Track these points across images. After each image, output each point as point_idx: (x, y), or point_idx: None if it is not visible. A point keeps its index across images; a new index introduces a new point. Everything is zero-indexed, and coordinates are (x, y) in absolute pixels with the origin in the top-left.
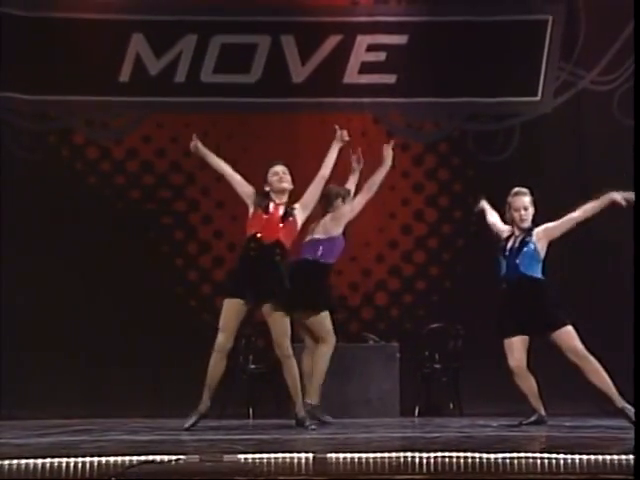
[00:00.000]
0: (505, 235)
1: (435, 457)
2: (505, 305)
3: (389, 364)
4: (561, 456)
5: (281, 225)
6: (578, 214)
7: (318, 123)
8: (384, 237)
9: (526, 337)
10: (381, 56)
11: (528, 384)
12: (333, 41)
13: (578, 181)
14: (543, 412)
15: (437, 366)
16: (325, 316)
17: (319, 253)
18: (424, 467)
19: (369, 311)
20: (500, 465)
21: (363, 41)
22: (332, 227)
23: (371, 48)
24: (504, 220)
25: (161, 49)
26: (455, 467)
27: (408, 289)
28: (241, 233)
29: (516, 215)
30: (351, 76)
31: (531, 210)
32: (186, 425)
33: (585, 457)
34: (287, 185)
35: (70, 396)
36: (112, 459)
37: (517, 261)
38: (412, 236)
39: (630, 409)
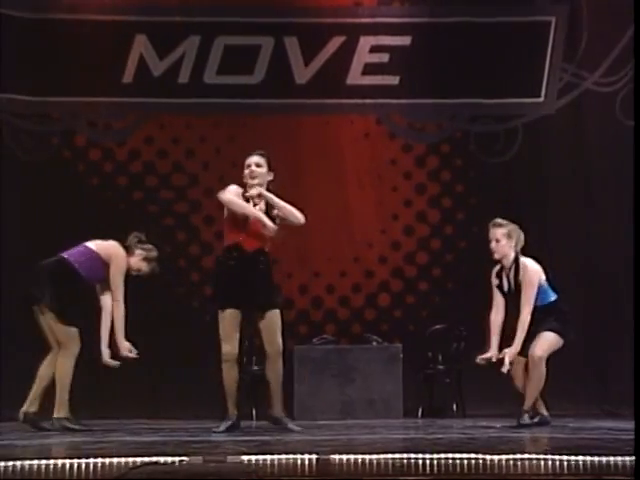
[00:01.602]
0: (494, 274)
1: (439, 458)
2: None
3: (392, 365)
4: (564, 457)
5: (263, 235)
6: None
7: (321, 124)
8: (387, 238)
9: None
10: (384, 57)
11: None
12: (336, 42)
13: (580, 182)
14: (546, 413)
15: (440, 367)
16: None
17: None
18: (427, 468)
19: (372, 312)
20: (504, 466)
21: (366, 42)
22: None
23: (374, 49)
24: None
25: (164, 50)
26: (459, 468)
27: (411, 290)
28: None
29: (491, 246)
30: (354, 77)
31: (505, 242)
32: (217, 430)
33: (589, 458)
34: (257, 181)
35: (72, 397)
36: (115, 460)
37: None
38: (415, 237)
39: (525, 420)
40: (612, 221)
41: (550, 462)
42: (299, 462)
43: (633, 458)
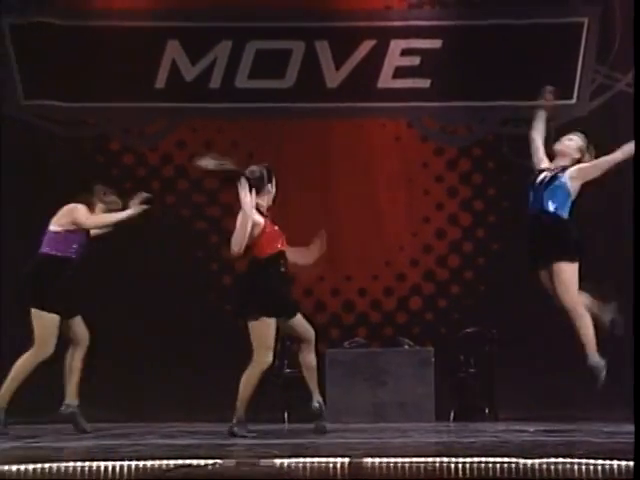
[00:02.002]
0: (540, 167)
1: (471, 462)
2: (531, 236)
3: (424, 368)
4: (599, 462)
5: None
6: (618, 155)
7: (352, 128)
8: (418, 241)
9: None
10: (415, 60)
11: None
12: (367, 46)
13: (613, 183)
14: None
15: (472, 370)
16: None
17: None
18: (460, 472)
19: (404, 315)
20: (537, 470)
21: (397, 46)
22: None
23: (405, 53)
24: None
25: (196, 55)
26: (491, 472)
27: (442, 293)
28: None
29: (558, 144)
30: (385, 81)
31: (573, 145)
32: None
33: (624, 463)
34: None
35: (108, 400)
36: (150, 463)
37: (543, 195)
38: (446, 240)
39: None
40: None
41: (584, 467)
42: (331, 465)
43: None
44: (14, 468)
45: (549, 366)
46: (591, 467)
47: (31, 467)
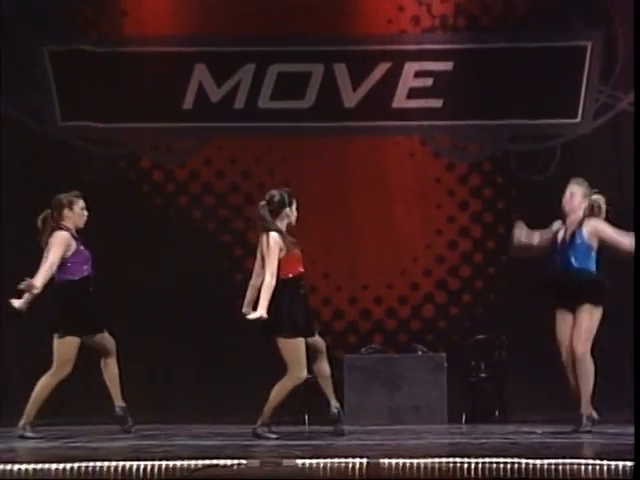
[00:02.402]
0: (555, 228)
1: (483, 463)
2: (551, 293)
3: (437, 373)
4: (605, 462)
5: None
6: (626, 243)
7: (369, 146)
8: (431, 252)
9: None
10: (428, 82)
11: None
12: (383, 68)
13: (617, 199)
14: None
15: (483, 375)
16: None
17: None
18: (472, 472)
19: (417, 323)
20: (545, 471)
21: (411, 68)
22: None
23: (418, 74)
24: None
25: (222, 78)
26: (502, 472)
27: (454, 302)
28: None
29: (563, 200)
30: (400, 101)
31: (578, 199)
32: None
33: (629, 463)
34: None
35: (139, 403)
36: (178, 463)
37: (568, 253)
38: (458, 251)
39: (588, 420)
40: None
41: (590, 467)
42: (350, 465)
43: None
44: (53, 467)
45: (556, 371)
46: (597, 467)
47: (68, 466)
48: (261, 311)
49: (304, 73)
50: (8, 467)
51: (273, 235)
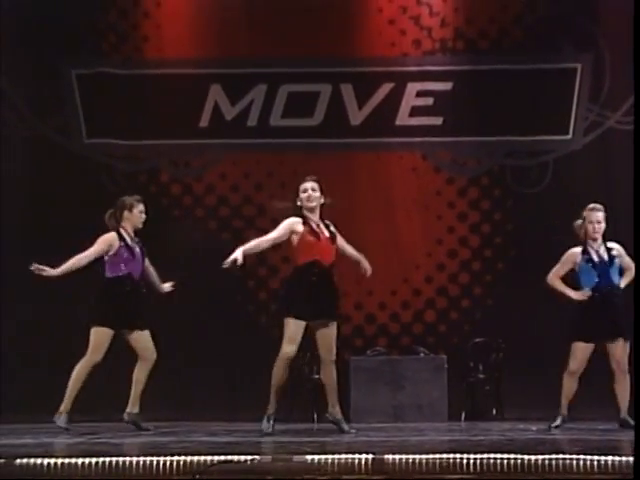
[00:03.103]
0: (578, 251)
1: (481, 458)
2: (594, 312)
3: (438, 374)
4: (595, 457)
5: (332, 248)
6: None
7: (374, 160)
8: (432, 261)
9: (593, 345)
10: (429, 101)
11: (571, 388)
12: (386, 88)
13: (607, 211)
14: (566, 413)
15: (481, 376)
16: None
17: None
18: (471, 467)
19: (419, 327)
20: (540, 466)
21: (413, 88)
22: None
23: (420, 94)
24: (577, 234)
25: (236, 97)
26: (499, 468)
27: (454, 307)
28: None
29: (590, 227)
30: (402, 119)
31: (604, 225)
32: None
33: (617, 458)
34: (315, 203)
35: (158, 401)
36: (195, 458)
37: (610, 272)
38: (457, 260)
39: (630, 421)
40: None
41: (582, 462)
42: (356, 461)
43: None
44: (80, 461)
45: (550, 371)
46: (588, 462)
47: (93, 460)
48: (236, 254)
49: (313, 93)
50: (39, 461)
51: (290, 219)
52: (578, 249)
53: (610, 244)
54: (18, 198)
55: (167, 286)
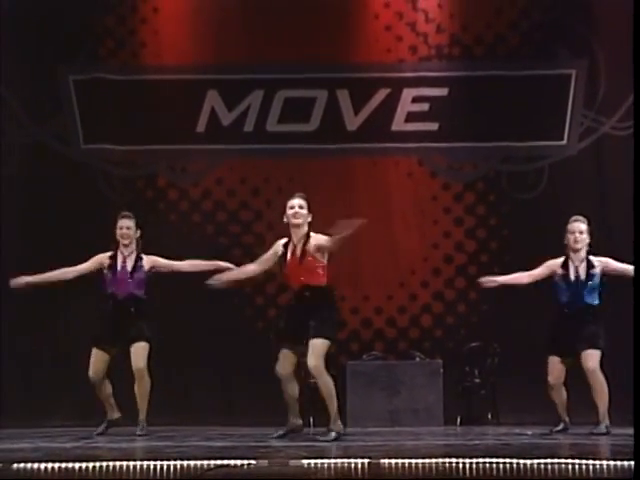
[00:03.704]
0: (559, 263)
1: (477, 463)
2: (562, 328)
3: (434, 378)
4: (590, 462)
5: (300, 268)
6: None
7: (370, 166)
8: (428, 265)
9: (568, 359)
10: (425, 106)
11: (560, 397)
12: (382, 94)
13: (601, 215)
14: (568, 420)
15: (476, 380)
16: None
17: None
18: (467, 472)
19: (416, 331)
20: (535, 470)
21: (409, 94)
22: None
23: (416, 99)
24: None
25: (232, 103)
26: (495, 472)
27: (450, 312)
28: None
29: (571, 238)
30: (398, 124)
31: (586, 236)
32: (275, 435)
33: (612, 463)
34: (301, 220)
35: (154, 406)
36: (192, 463)
37: (584, 292)
38: (453, 265)
39: (602, 428)
40: (627, 246)
41: (577, 466)
42: (352, 465)
43: None
44: (77, 465)
45: (545, 376)
46: (583, 466)
47: (90, 465)
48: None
49: (309, 98)
50: (36, 466)
51: (279, 242)
52: (560, 260)
53: (595, 259)
54: (16, 203)
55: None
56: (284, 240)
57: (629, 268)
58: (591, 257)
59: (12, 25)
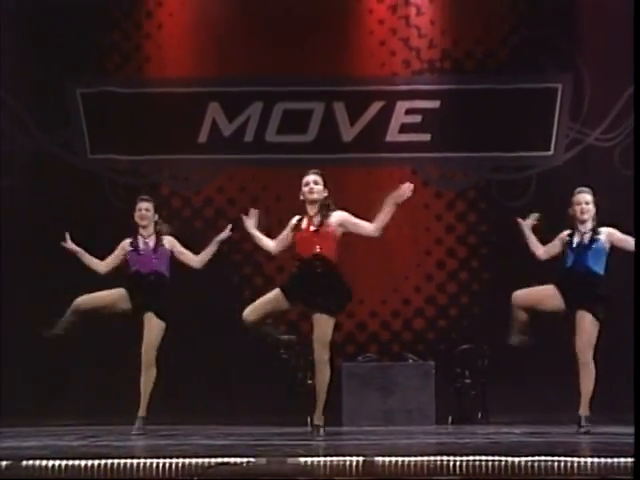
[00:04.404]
0: (566, 234)
1: (467, 460)
2: (567, 288)
3: (426, 380)
4: (575, 459)
5: (315, 238)
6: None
7: (365, 175)
8: (421, 271)
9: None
10: (418, 118)
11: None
12: (377, 106)
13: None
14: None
15: (467, 381)
16: None
17: None
18: (457, 469)
19: (409, 334)
20: (523, 467)
21: (402, 106)
22: None
23: (409, 112)
24: (571, 223)
25: (233, 114)
26: (484, 469)
27: (442, 316)
28: None
29: (577, 209)
30: (392, 135)
31: (592, 207)
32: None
33: (596, 460)
34: (316, 196)
35: (156, 405)
36: (193, 461)
37: (587, 256)
38: (445, 270)
39: (585, 424)
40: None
41: (562, 464)
42: (347, 463)
43: (629, 460)
44: (83, 463)
45: (533, 377)
46: (568, 464)
47: (96, 462)
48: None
49: (307, 110)
50: (44, 463)
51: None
52: (568, 231)
53: (602, 229)
54: (25, 209)
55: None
56: (298, 216)
57: (630, 241)
58: (601, 228)
59: (22, 41)
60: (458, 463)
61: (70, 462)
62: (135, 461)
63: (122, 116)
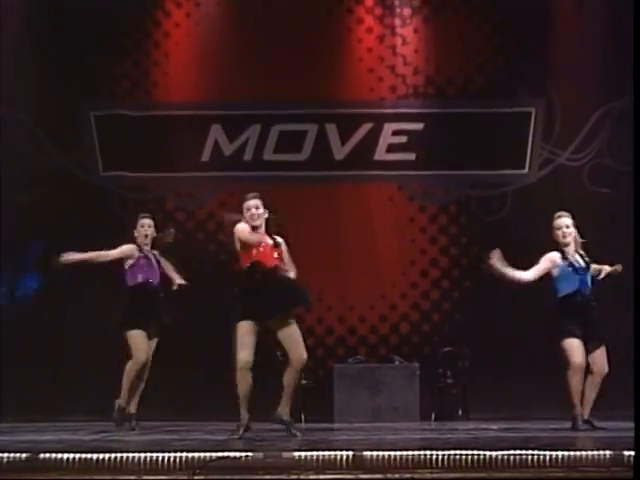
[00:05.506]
0: (558, 255)
1: (449, 454)
2: (577, 314)
3: (411, 380)
4: (547, 452)
5: (275, 254)
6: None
7: (355, 191)
8: (406, 279)
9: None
10: (403, 139)
11: (579, 383)
12: (366, 127)
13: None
14: (581, 412)
15: (449, 381)
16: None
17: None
18: (440, 463)
19: (395, 338)
20: (500, 461)
21: (389, 127)
22: None
23: (396, 133)
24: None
25: (233, 135)
26: (465, 463)
27: (426, 320)
28: None
29: (559, 233)
30: (380, 154)
31: (572, 229)
32: (236, 436)
33: (567, 453)
34: (258, 222)
35: (162, 403)
36: (196, 455)
37: (588, 278)
38: (429, 279)
39: (594, 422)
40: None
41: (536, 457)
42: (338, 457)
43: (601, 452)
44: (94, 456)
45: (510, 377)
46: (541, 457)
47: (107, 456)
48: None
49: (301, 131)
50: (59, 456)
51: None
52: (556, 254)
53: (581, 252)
54: (40, 222)
55: (179, 282)
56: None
57: (606, 267)
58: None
59: (41, 70)
60: (440, 457)
61: (83, 455)
62: (142, 455)
63: (132, 137)
